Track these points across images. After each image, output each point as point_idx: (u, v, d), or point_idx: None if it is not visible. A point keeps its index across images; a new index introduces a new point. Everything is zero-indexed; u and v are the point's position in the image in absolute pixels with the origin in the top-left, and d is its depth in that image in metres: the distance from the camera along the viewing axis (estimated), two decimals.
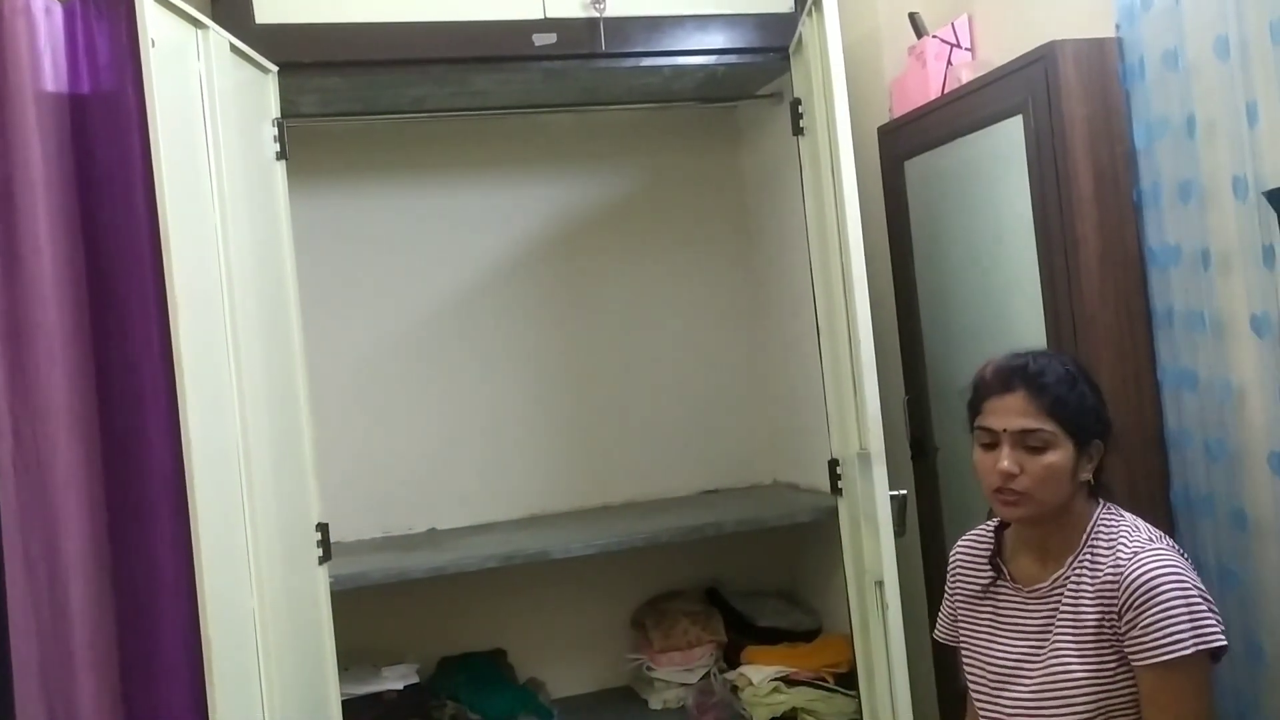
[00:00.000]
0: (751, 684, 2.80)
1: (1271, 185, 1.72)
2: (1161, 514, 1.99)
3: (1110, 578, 1.59)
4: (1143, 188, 1.99)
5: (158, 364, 2.08)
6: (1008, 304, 2.23)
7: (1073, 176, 1.97)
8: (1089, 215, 1.98)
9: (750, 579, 3.23)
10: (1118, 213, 1.99)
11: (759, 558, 3.23)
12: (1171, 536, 1.96)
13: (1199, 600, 1.54)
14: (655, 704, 2.94)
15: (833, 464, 2.57)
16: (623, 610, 3.15)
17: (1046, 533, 1.68)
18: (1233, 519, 1.88)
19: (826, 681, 2.78)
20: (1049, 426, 1.61)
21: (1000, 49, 2.30)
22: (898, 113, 2.60)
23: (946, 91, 2.40)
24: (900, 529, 2.27)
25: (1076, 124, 1.97)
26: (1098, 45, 2.00)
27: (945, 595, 1.87)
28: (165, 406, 2.05)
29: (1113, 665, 1.59)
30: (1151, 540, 1.62)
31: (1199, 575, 1.60)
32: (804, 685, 2.78)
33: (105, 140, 2.14)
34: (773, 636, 2.98)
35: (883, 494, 2.24)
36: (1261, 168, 1.74)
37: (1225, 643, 1.54)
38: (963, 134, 2.28)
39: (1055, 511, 1.65)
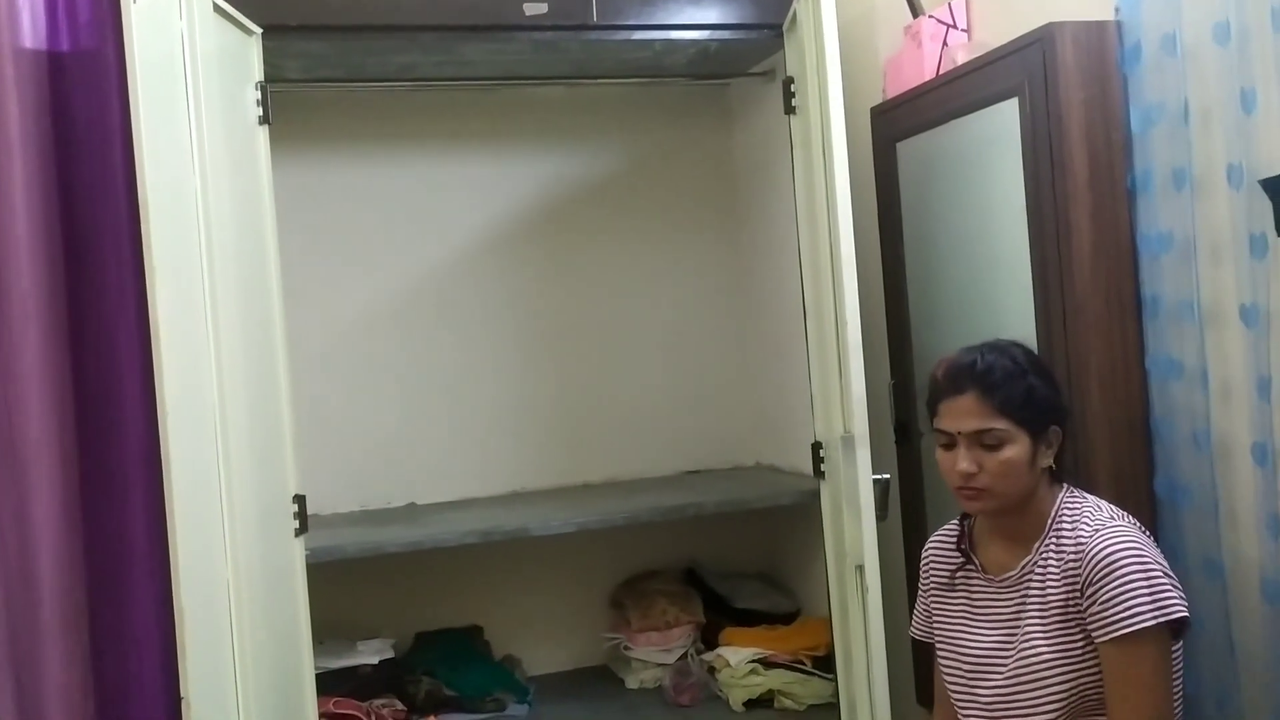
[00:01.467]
0: (729, 665, 2.79)
1: (1267, 174, 1.70)
2: (1144, 503, 1.98)
3: (1073, 556, 1.62)
4: (1137, 174, 1.97)
5: (133, 329, 2.05)
6: (997, 290, 2.21)
7: (1067, 161, 1.95)
8: (1083, 201, 1.96)
9: (730, 560, 3.22)
10: (1111, 199, 1.97)
11: (739, 539, 3.22)
12: (1153, 526, 1.98)
13: (1159, 574, 1.57)
14: (632, 684, 2.94)
15: (816, 447, 2.56)
16: (601, 589, 3.14)
17: (1012, 520, 1.70)
18: (1214, 509, 1.88)
19: (804, 664, 2.78)
20: (1001, 424, 1.64)
21: (997, 31, 2.27)
22: (891, 93, 2.57)
23: (941, 73, 2.38)
24: (882, 513, 2.26)
25: (1073, 108, 1.95)
26: (1097, 28, 1.97)
27: (919, 592, 1.88)
28: (140, 373, 2.03)
29: (1080, 645, 1.60)
30: (1113, 518, 1.65)
31: (1164, 554, 1.63)
32: (781, 668, 2.78)
33: (84, 99, 2.10)
34: (751, 618, 2.98)
35: (866, 478, 2.23)
36: (1258, 156, 1.72)
37: (1186, 614, 1.56)
38: (957, 116, 2.26)
39: (1019, 501, 1.68)
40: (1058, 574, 1.63)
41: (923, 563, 1.88)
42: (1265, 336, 1.74)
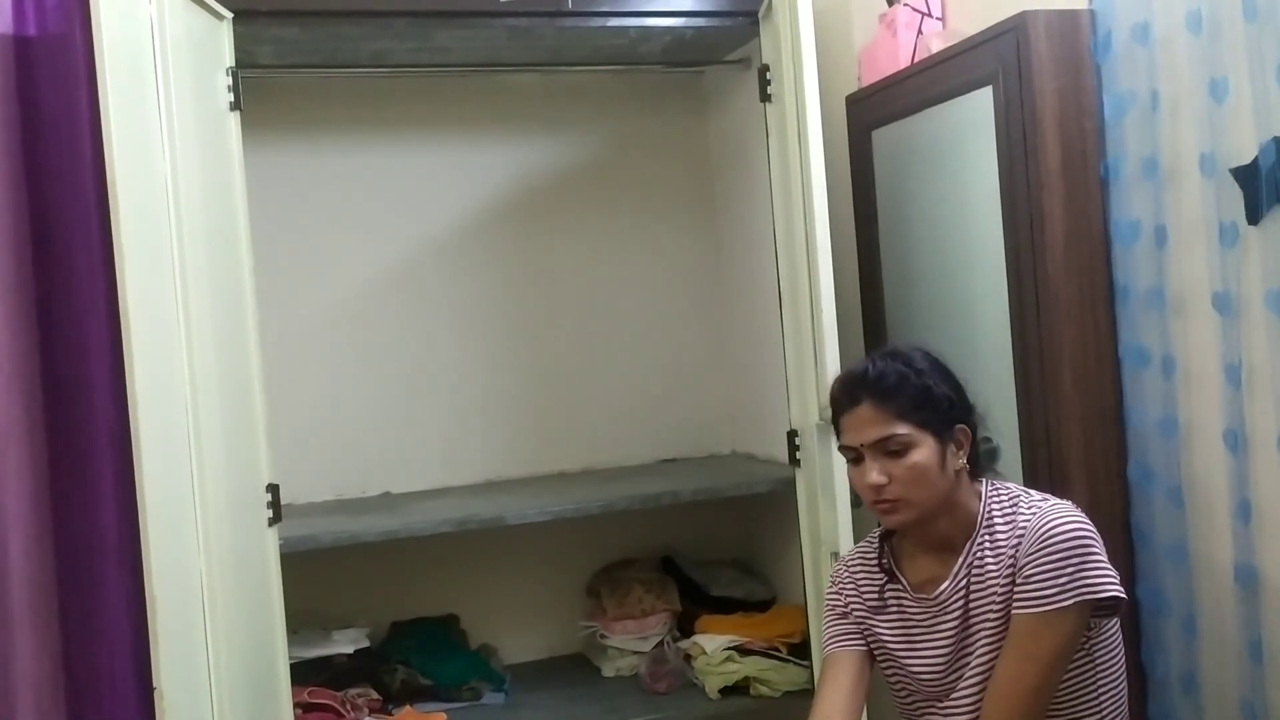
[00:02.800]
0: (705, 653, 2.80)
1: (1238, 163, 1.72)
2: (1117, 490, 2.00)
3: (1014, 544, 1.58)
4: (1109, 162, 1.98)
5: (103, 317, 2.03)
6: (971, 277, 2.22)
7: (1041, 150, 1.96)
8: (1056, 189, 1.97)
9: (706, 548, 3.23)
10: (1084, 187, 1.98)
11: (715, 527, 3.22)
12: (1125, 512, 1.99)
13: (1095, 551, 1.54)
14: (608, 672, 2.94)
15: (791, 435, 2.56)
16: (577, 577, 3.13)
17: (938, 529, 1.66)
18: (1187, 495, 1.90)
19: (779, 651, 2.79)
20: (902, 429, 1.59)
21: (971, 19, 2.28)
22: (867, 81, 2.58)
23: (916, 61, 2.38)
24: (857, 500, 2.27)
25: (1046, 96, 1.96)
26: (1070, 16, 1.98)
27: (836, 615, 1.77)
28: (110, 361, 2.00)
29: None
30: (1046, 498, 1.62)
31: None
32: (757, 655, 2.78)
33: (51, 84, 2.07)
34: (727, 606, 2.98)
35: (841, 465, 2.23)
36: (1229, 145, 1.73)
37: (1114, 593, 1.53)
38: (931, 104, 2.26)
39: (938, 508, 1.63)
40: (996, 568, 1.59)
41: (837, 585, 1.79)
42: (1236, 324, 1.76)
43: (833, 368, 2.22)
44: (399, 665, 2.76)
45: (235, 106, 2.30)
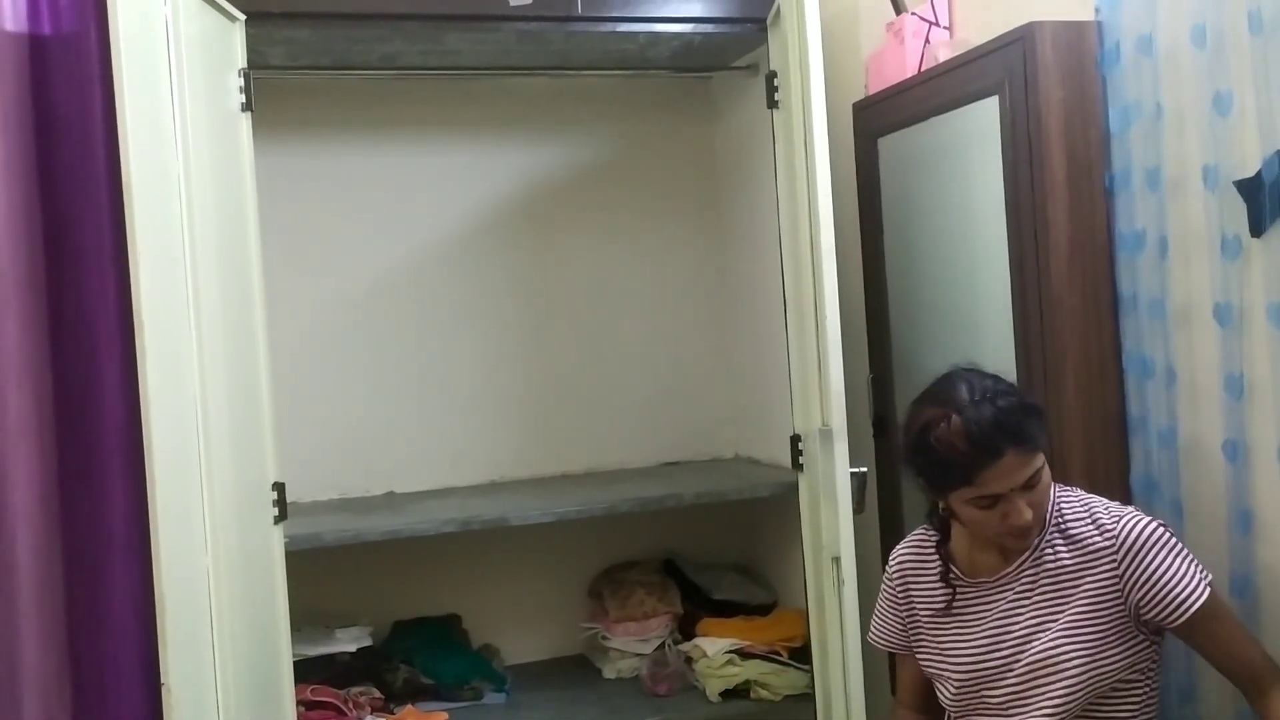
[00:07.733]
0: (706, 656, 2.81)
1: (1242, 175, 1.73)
2: (1119, 499, 2.00)
3: (1101, 545, 1.66)
4: (1114, 173, 1.99)
5: (113, 315, 2.05)
6: (975, 285, 2.24)
7: (1046, 159, 1.97)
8: (1061, 199, 1.98)
9: (708, 552, 3.24)
10: (1089, 197, 2.00)
11: (717, 530, 3.24)
12: None
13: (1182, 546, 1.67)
14: (609, 673, 2.95)
15: (794, 439, 2.57)
16: (579, 579, 3.15)
17: None
18: (1187, 506, 1.90)
19: (780, 655, 2.80)
20: (1040, 461, 1.65)
21: (978, 29, 2.29)
22: (873, 89, 2.59)
23: (923, 70, 2.40)
24: (859, 506, 2.28)
25: (1052, 106, 1.97)
26: (1076, 28, 1.99)
27: (887, 604, 1.89)
28: (120, 359, 2.02)
29: (1102, 632, 1.64)
30: (1118, 505, 1.73)
31: None
32: (758, 658, 2.80)
33: (65, 83, 2.08)
34: (728, 609, 3.00)
35: (843, 471, 2.24)
36: (1233, 157, 1.75)
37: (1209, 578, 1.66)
38: (938, 113, 2.28)
39: None
40: (1071, 562, 1.67)
41: (892, 576, 1.88)
42: (1237, 335, 1.77)
43: (836, 373, 2.23)
44: (401, 664, 2.78)
45: (247, 107, 2.31)
